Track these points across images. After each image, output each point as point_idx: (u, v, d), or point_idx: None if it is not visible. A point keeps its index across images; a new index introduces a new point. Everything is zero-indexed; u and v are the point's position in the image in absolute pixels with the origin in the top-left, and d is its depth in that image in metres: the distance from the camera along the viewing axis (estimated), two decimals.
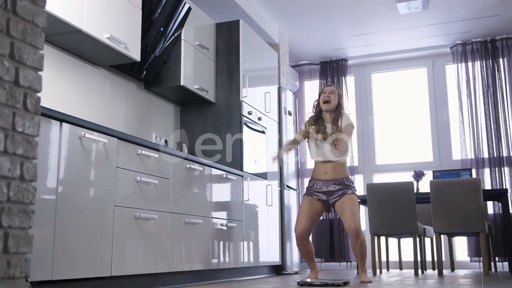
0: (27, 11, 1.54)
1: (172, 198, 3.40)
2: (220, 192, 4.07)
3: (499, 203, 5.69)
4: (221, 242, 3.98)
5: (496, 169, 5.98)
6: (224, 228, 4.03)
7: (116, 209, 2.87)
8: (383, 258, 5.73)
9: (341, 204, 3.74)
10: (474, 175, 5.87)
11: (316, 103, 3.96)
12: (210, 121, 4.65)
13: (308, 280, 3.47)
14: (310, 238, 6.31)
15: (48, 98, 3.19)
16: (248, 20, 5.22)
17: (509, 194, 5.14)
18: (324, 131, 3.81)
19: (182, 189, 3.53)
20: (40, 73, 1.58)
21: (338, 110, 3.85)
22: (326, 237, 6.29)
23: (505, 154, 6.01)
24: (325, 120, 3.87)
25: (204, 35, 4.58)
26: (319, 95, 3.95)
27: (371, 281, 3.72)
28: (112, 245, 2.80)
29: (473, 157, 6.09)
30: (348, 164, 6.48)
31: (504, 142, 6.03)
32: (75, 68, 3.53)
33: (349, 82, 6.87)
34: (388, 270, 5.64)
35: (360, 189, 6.53)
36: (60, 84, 3.39)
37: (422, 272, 5.16)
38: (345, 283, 3.37)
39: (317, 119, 3.90)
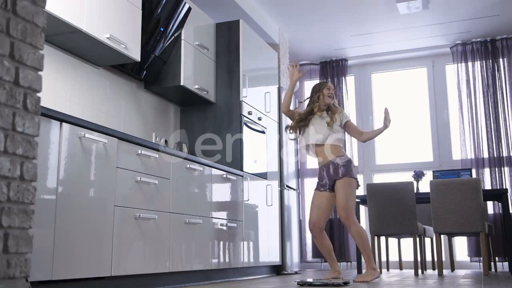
0: (27, 11, 1.54)
1: (172, 198, 3.40)
2: (220, 192, 4.07)
3: (499, 203, 5.69)
4: (221, 242, 3.98)
5: (496, 169, 5.98)
6: (224, 228, 4.03)
7: (116, 209, 2.87)
8: (383, 258, 5.73)
9: (336, 189, 3.87)
10: (474, 175, 5.87)
11: (314, 98, 4.05)
12: (210, 121, 4.65)
13: (309, 280, 3.47)
14: (310, 236, 6.31)
15: (48, 98, 3.19)
16: (248, 20, 5.22)
17: (509, 194, 5.15)
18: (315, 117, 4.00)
19: (182, 189, 3.53)
20: (40, 73, 1.58)
21: (332, 105, 4.04)
22: None
23: (505, 154, 6.01)
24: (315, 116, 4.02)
25: (204, 35, 4.58)
26: (321, 89, 4.04)
27: (365, 281, 3.70)
28: (112, 245, 2.80)
29: (473, 157, 6.09)
30: None
31: (504, 142, 6.03)
32: (75, 68, 3.53)
33: (349, 82, 6.87)
34: (388, 270, 5.64)
35: (360, 189, 6.52)
36: (60, 84, 3.39)
37: (422, 272, 5.16)
38: (345, 283, 3.37)
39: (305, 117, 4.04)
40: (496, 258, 5.60)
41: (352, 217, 3.81)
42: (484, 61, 6.24)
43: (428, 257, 5.87)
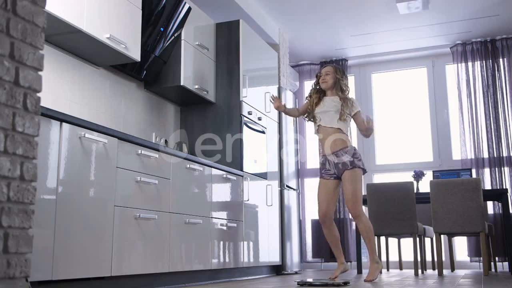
0: (27, 11, 1.54)
1: (172, 198, 3.40)
2: (220, 192, 4.07)
3: (499, 203, 5.69)
4: (221, 242, 3.98)
5: (496, 169, 5.98)
6: (224, 228, 4.03)
7: (116, 209, 2.87)
8: (383, 258, 5.73)
9: (343, 181, 3.86)
10: (474, 175, 5.87)
11: (314, 84, 4.15)
12: (210, 121, 4.65)
13: (309, 280, 3.48)
14: (310, 236, 6.31)
15: (48, 98, 3.19)
16: (248, 20, 5.22)
17: (509, 194, 5.14)
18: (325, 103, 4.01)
19: (182, 189, 3.53)
20: (40, 73, 1.58)
21: (337, 86, 4.05)
22: None
23: (505, 154, 6.01)
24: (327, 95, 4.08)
25: (204, 35, 4.58)
26: (317, 78, 4.12)
27: (373, 279, 3.75)
28: (112, 245, 2.80)
29: (473, 157, 6.09)
30: None
31: (504, 142, 6.03)
32: (75, 68, 3.53)
33: (349, 82, 6.85)
34: (388, 270, 5.64)
35: None
36: (60, 84, 3.39)
37: (422, 272, 5.16)
38: (345, 283, 3.37)
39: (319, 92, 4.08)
40: (496, 258, 5.60)
41: (360, 208, 3.83)
42: (484, 61, 6.24)
43: (428, 257, 5.87)
